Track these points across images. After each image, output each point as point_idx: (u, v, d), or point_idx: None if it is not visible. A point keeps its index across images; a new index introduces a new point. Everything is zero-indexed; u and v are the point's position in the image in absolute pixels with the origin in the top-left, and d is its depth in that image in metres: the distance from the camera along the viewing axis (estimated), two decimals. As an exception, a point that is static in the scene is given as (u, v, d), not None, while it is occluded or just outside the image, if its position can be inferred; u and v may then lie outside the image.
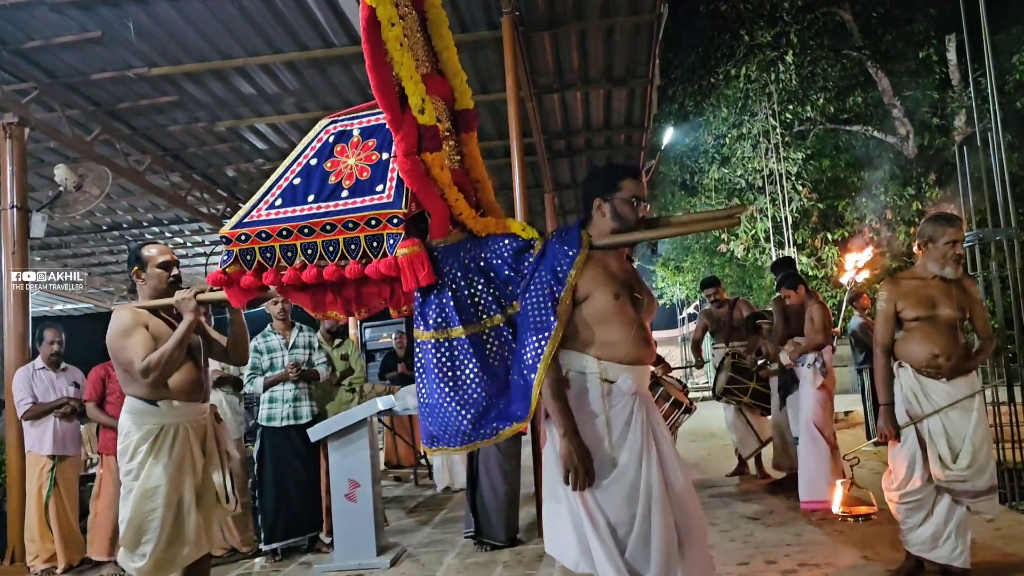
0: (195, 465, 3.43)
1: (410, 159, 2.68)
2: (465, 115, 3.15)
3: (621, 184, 2.68)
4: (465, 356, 2.62)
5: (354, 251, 2.77)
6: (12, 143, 6.44)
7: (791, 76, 15.61)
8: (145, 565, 3.31)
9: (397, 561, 5.22)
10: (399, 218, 2.70)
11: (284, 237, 2.85)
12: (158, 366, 3.29)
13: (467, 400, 2.59)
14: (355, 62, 7.02)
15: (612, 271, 2.68)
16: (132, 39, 6.20)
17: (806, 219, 16.44)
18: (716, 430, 10.79)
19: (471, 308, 2.69)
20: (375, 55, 2.59)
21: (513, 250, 2.72)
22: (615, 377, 2.58)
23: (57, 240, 12.34)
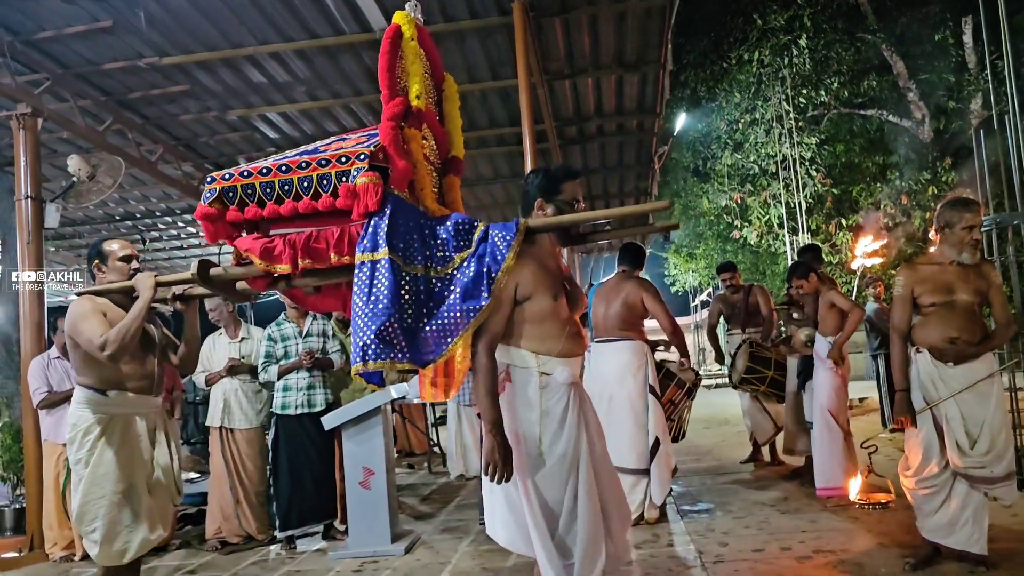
0: (143, 456, 3.55)
1: (392, 122, 2.93)
2: (454, 162, 3.47)
3: (562, 187, 2.91)
4: (384, 274, 2.73)
5: (326, 186, 2.92)
6: (25, 134, 6.46)
7: (805, 60, 15.49)
8: (100, 551, 3.45)
9: (411, 548, 5.24)
10: (366, 154, 2.89)
11: (264, 175, 3.02)
12: (116, 340, 3.38)
13: (376, 313, 2.66)
14: (366, 50, 7.00)
15: (550, 270, 2.87)
16: (143, 28, 6.20)
17: (820, 205, 16.34)
18: (730, 417, 10.77)
19: (400, 243, 2.81)
20: (391, 46, 2.97)
21: (458, 220, 2.89)
22: (551, 370, 2.79)
23: (71, 230, 12.40)
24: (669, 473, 5.31)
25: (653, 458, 5.27)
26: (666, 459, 5.29)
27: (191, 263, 3.38)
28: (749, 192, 17.08)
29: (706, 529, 5.07)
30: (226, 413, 5.78)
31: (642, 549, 4.72)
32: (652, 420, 5.30)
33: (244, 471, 5.79)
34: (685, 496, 6.17)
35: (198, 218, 3.13)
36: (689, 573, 4.16)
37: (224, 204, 3.08)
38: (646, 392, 5.33)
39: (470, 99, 8.34)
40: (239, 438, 5.81)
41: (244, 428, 5.82)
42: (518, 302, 2.78)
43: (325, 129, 8.83)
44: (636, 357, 5.38)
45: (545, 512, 2.70)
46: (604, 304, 5.55)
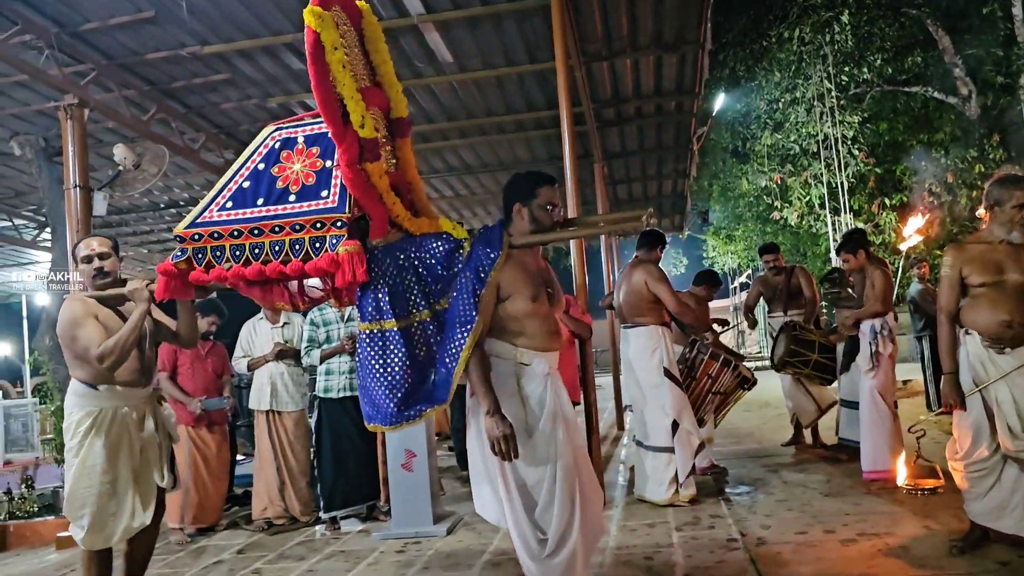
0: (132, 446, 3.67)
1: (352, 169, 2.94)
2: (400, 123, 3.43)
3: (538, 191, 3.05)
4: (395, 346, 2.91)
5: (298, 251, 3.01)
6: (73, 124, 6.60)
7: (847, 37, 15.18)
8: (84, 535, 3.60)
9: (454, 529, 5.30)
10: (343, 221, 2.96)
11: (235, 237, 3.10)
12: (113, 352, 3.50)
13: (394, 385, 2.87)
14: (403, 34, 7.01)
15: (530, 271, 3.04)
16: (185, 18, 6.28)
17: (863, 184, 16.05)
18: (770, 399, 10.68)
19: (403, 303, 2.97)
20: (319, 75, 2.84)
21: (445, 251, 3.02)
22: (529, 361, 2.99)
23: (117, 218, 12.64)
24: (691, 452, 5.36)
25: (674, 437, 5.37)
26: (687, 438, 5.35)
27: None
28: (789, 172, 16.84)
29: (748, 511, 5.05)
30: (273, 396, 5.89)
31: (683, 531, 4.72)
32: (669, 401, 5.37)
33: (291, 453, 5.90)
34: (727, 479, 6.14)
35: (158, 272, 3.24)
36: (731, 556, 4.15)
37: (191, 265, 3.18)
38: (661, 375, 5.40)
39: (507, 83, 8.33)
40: (286, 420, 5.92)
41: (291, 411, 5.94)
42: (500, 300, 2.95)
43: (363, 115, 8.86)
44: (649, 341, 5.51)
45: (521, 492, 2.93)
46: (621, 292, 5.69)
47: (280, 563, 4.93)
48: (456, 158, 11.02)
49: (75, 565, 5.37)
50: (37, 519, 6.45)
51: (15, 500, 6.62)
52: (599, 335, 8.32)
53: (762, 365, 16.41)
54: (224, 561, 5.10)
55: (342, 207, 2.98)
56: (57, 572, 5.25)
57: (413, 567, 4.52)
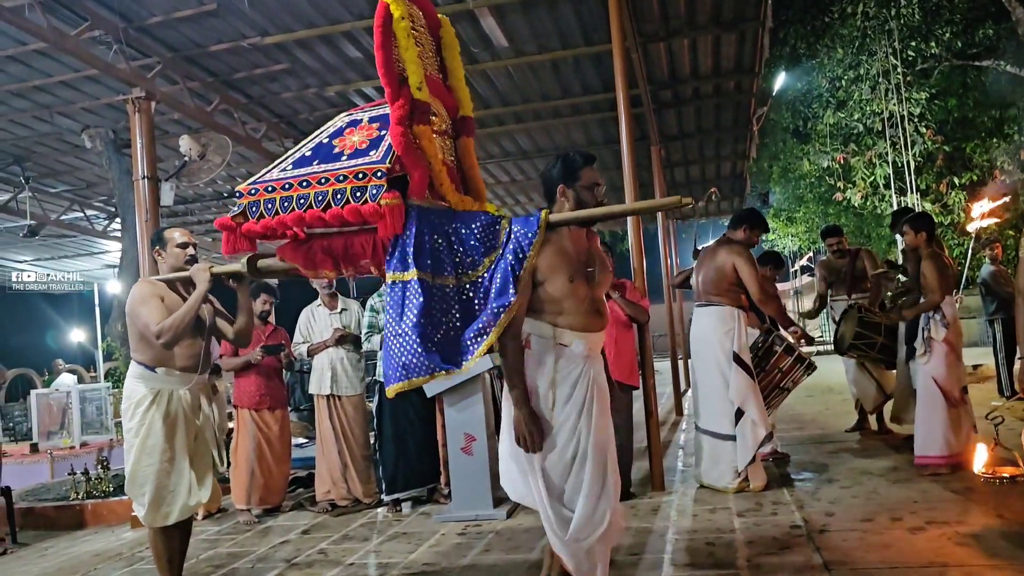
0: (188, 428, 3.81)
1: (401, 126, 3.01)
2: (465, 121, 3.54)
3: (581, 173, 3.06)
4: (414, 295, 2.87)
5: (339, 199, 3.04)
6: (141, 117, 6.77)
7: (913, 10, 14.65)
8: (145, 512, 3.76)
9: (514, 512, 5.34)
10: (383, 172, 3.00)
11: (286, 190, 3.19)
12: (171, 329, 3.65)
13: (408, 335, 2.82)
14: (460, 20, 7.00)
15: (568, 253, 3.00)
16: (246, 9, 6.39)
17: (930, 163, 15.53)
18: (834, 385, 10.48)
19: (428, 260, 2.95)
20: (384, 38, 3.00)
21: (482, 224, 3.01)
22: (568, 342, 2.97)
23: (183, 208, 12.97)
24: (754, 442, 5.22)
25: (737, 425, 5.25)
26: (751, 427, 5.20)
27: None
28: (853, 152, 16.38)
29: (811, 498, 4.98)
30: (334, 381, 6.00)
31: (745, 517, 4.68)
32: (734, 388, 5.23)
33: (352, 436, 6.01)
34: (789, 465, 6.06)
35: (217, 227, 3.35)
36: (794, 543, 4.10)
37: (245, 217, 3.28)
38: (730, 359, 5.26)
39: (563, 66, 8.28)
40: (346, 404, 6.03)
41: (350, 395, 6.04)
42: (538, 281, 2.95)
43: (419, 102, 8.90)
44: (722, 323, 5.34)
45: (550, 471, 2.93)
46: (702, 269, 5.53)
47: (344, 544, 5.03)
48: (512, 143, 11.01)
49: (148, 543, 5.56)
50: (112, 499, 6.69)
51: (92, 480, 6.88)
52: (657, 319, 8.24)
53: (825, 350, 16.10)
54: (290, 541, 5.24)
55: (384, 160, 3.04)
56: (132, 550, 5.45)
57: (474, 549, 4.57)
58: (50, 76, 7.50)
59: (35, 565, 5.41)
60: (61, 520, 6.56)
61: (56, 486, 7.57)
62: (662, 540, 4.38)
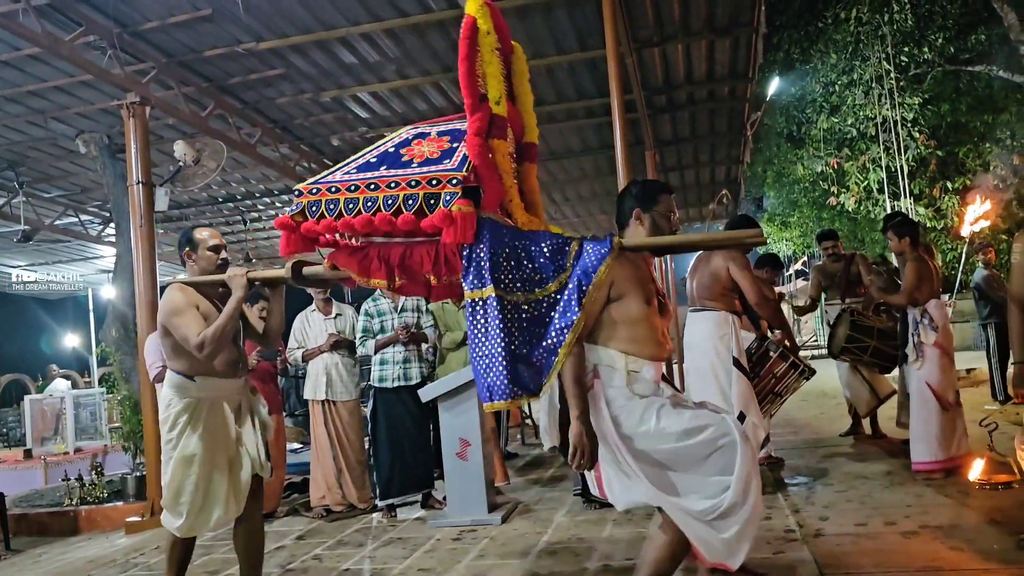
0: (228, 436, 3.71)
1: (479, 138, 2.99)
2: (530, 148, 3.50)
3: (660, 198, 3.01)
4: (493, 314, 2.82)
5: (410, 205, 2.99)
6: (135, 122, 6.77)
7: (906, 16, 14.72)
8: (182, 524, 3.64)
9: (508, 518, 5.34)
10: (458, 179, 2.96)
11: (351, 191, 3.11)
12: (213, 340, 3.53)
13: (493, 355, 2.78)
14: (454, 26, 7.03)
15: (643, 277, 2.92)
16: (240, 15, 6.40)
17: (923, 168, 15.60)
18: (828, 389, 10.50)
19: (501, 277, 2.88)
20: (469, 51, 2.97)
21: (553, 243, 2.93)
22: (638, 368, 2.86)
23: (178, 213, 12.94)
24: (756, 445, 5.22)
25: None
26: (752, 431, 5.20)
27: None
28: (846, 157, 16.44)
29: (805, 502, 4.99)
30: (329, 386, 6.00)
31: (740, 522, 4.67)
32: (736, 393, 5.23)
33: (347, 441, 6.01)
34: (783, 469, 6.07)
35: (276, 226, 3.28)
36: (789, 547, 4.11)
37: (305, 217, 3.20)
38: (729, 363, 5.25)
39: (558, 71, 8.30)
40: (341, 410, 6.03)
41: (345, 400, 6.04)
42: (611, 300, 2.84)
43: (415, 107, 8.93)
44: (718, 327, 5.30)
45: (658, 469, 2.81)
46: (696, 274, 5.52)
47: (339, 549, 5.03)
48: (507, 148, 11.01)
49: (144, 549, 5.55)
50: (107, 504, 6.69)
51: (86, 486, 6.87)
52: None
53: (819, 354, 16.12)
54: (285, 547, 5.22)
55: (460, 168, 3.00)
56: (126, 556, 5.43)
57: (469, 555, 4.57)
58: (44, 81, 7.50)
59: (29, 572, 5.40)
60: (55, 526, 6.54)
61: (50, 492, 7.56)
62: (657, 545, 4.37)
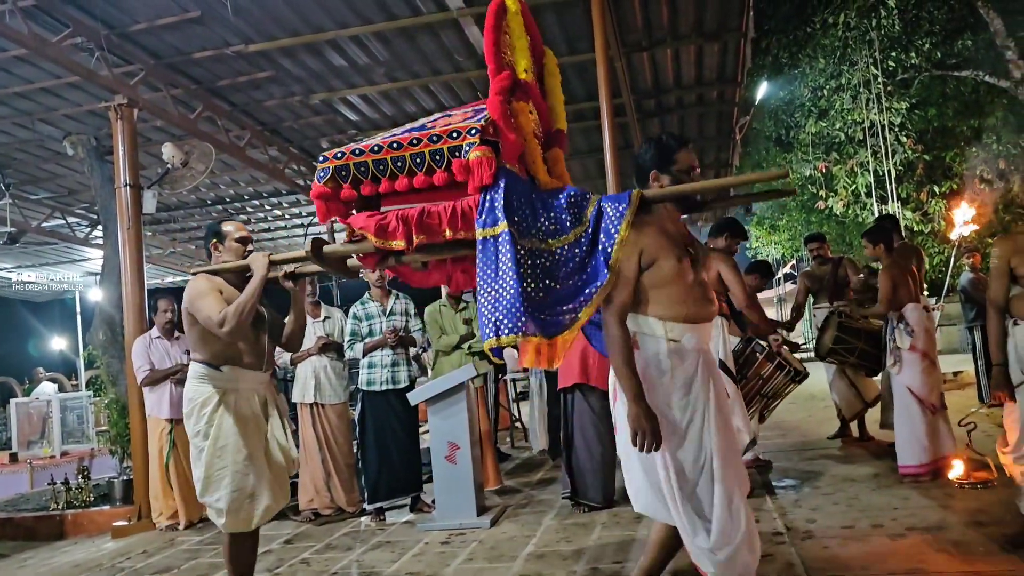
0: (259, 426, 3.66)
1: (501, 96, 2.97)
2: (558, 135, 3.47)
3: (677, 156, 2.91)
4: (505, 249, 2.77)
5: (439, 161, 3.00)
6: (123, 124, 6.75)
7: (893, 21, 14.82)
8: (227, 520, 3.56)
9: (497, 521, 5.34)
10: (476, 129, 2.96)
11: (376, 152, 3.10)
12: (234, 316, 3.49)
13: (501, 289, 2.73)
14: (443, 29, 7.05)
15: (670, 233, 2.86)
16: (229, 17, 6.39)
17: (911, 172, 15.70)
18: (816, 392, 10.53)
19: (515, 218, 2.85)
20: (495, 24, 2.99)
21: (571, 194, 2.93)
22: (679, 336, 2.79)
23: (166, 215, 12.90)
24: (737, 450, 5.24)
25: None
26: (736, 435, 5.22)
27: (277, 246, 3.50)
28: (834, 161, 16.52)
29: (793, 505, 5.00)
30: (317, 390, 5.98)
31: (728, 524, 4.69)
32: None
33: (335, 444, 5.99)
34: (771, 472, 6.09)
35: (313, 197, 3.24)
36: (777, 549, 4.12)
37: (338, 183, 3.17)
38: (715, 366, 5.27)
39: (547, 75, 8.30)
40: (330, 413, 6.01)
41: (333, 403, 6.03)
42: (643, 269, 2.79)
43: (405, 110, 8.94)
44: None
45: (680, 478, 2.76)
46: None
47: (327, 553, 5.01)
48: (496, 151, 11.02)
49: (130, 553, 5.52)
50: (93, 508, 6.64)
51: (72, 490, 6.82)
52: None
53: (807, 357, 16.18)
54: (273, 551, 5.21)
55: (477, 119, 3.01)
56: (113, 560, 5.40)
57: (457, 558, 4.56)
58: (31, 83, 7.46)
59: (14, 576, 5.36)
60: (41, 530, 6.49)
61: (36, 496, 7.51)
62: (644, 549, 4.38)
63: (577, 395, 5.48)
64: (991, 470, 4.97)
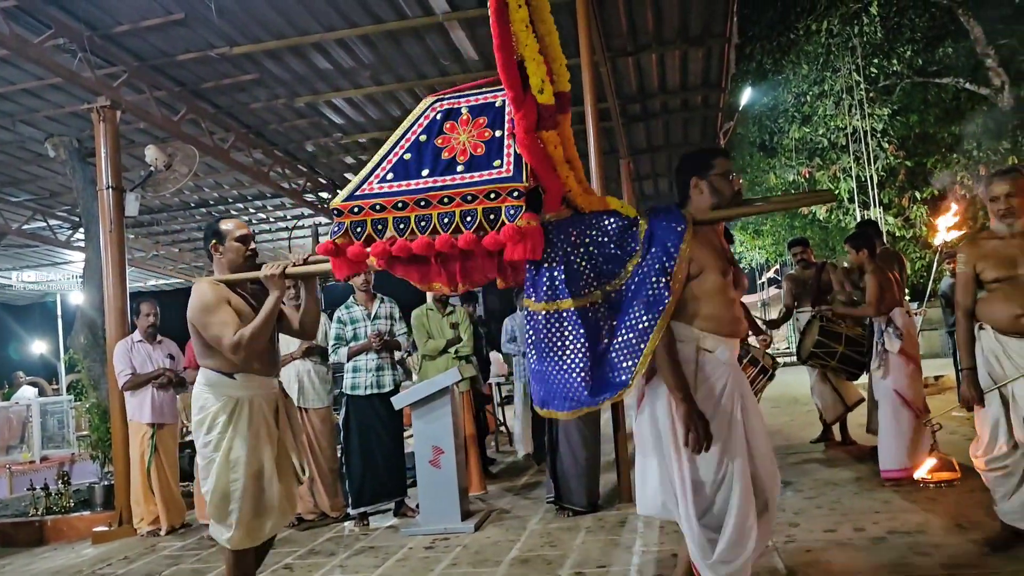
0: (271, 437, 3.47)
1: (530, 136, 2.75)
2: (561, 97, 3.17)
3: (714, 162, 2.94)
4: (573, 327, 2.73)
5: (469, 223, 2.81)
6: (106, 126, 6.70)
7: (876, 28, 14.98)
8: (234, 534, 3.36)
9: (481, 526, 5.33)
10: (519, 191, 2.76)
11: (399, 209, 2.89)
12: (249, 343, 3.32)
13: (573, 368, 2.70)
14: (428, 33, 7.05)
15: (717, 248, 2.89)
16: (214, 19, 6.36)
17: (892, 178, 15.86)
18: (799, 396, 10.59)
19: (579, 282, 2.80)
20: (502, 35, 2.66)
21: (617, 228, 2.84)
22: (713, 348, 2.80)
23: (149, 218, 12.81)
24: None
25: None
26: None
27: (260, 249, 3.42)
28: (818, 166, 16.66)
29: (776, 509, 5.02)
30: (300, 393, 5.94)
31: (711, 528, 4.71)
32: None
33: (319, 449, 5.96)
34: (754, 476, 6.12)
35: (320, 253, 3.07)
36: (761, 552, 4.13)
37: (350, 240, 2.97)
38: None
39: (532, 79, 8.32)
40: (313, 417, 5.97)
41: (317, 407, 5.99)
42: (691, 276, 2.79)
43: (390, 114, 8.93)
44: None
45: (696, 487, 2.78)
46: None
47: (310, 559, 4.98)
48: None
49: (111, 560, 5.47)
50: (73, 514, 6.59)
51: (52, 496, 6.76)
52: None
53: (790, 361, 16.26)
54: (255, 556, 5.16)
55: (519, 176, 2.79)
56: (92, 567, 5.35)
57: (441, 563, 4.55)
58: (13, 84, 7.39)
59: (-8, 583, 5.30)
60: (20, 536, 6.43)
61: (14, 502, 7.43)
62: (629, 553, 4.39)
63: (562, 399, 5.48)
64: (955, 470, 5.06)
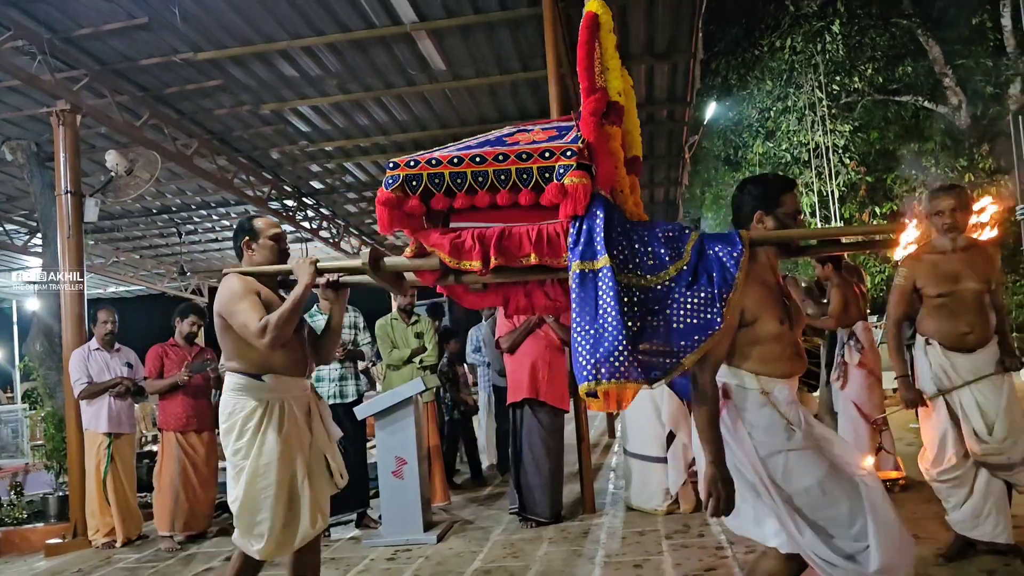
0: (303, 441, 3.32)
1: (595, 118, 2.77)
2: (634, 161, 3.26)
3: (783, 199, 2.73)
4: (607, 286, 2.58)
5: (525, 180, 2.80)
6: (65, 130, 6.58)
7: (838, 46, 15.28)
8: (264, 546, 3.21)
9: (444, 537, 5.30)
10: (573, 151, 2.77)
11: (455, 164, 2.89)
12: (277, 326, 3.15)
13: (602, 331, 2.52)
14: (396, 42, 7.04)
15: (772, 289, 2.71)
16: (178, 24, 6.29)
17: (854, 193, 16.14)
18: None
19: (615, 251, 2.66)
20: (588, 43, 2.73)
21: (670, 229, 2.74)
22: (771, 389, 2.64)
23: (109, 224, 12.60)
24: (685, 464, 5.34)
25: (669, 448, 5.40)
26: (683, 451, 5.34)
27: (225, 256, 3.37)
28: (781, 181, 16.93)
29: (737, 520, 5.06)
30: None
31: (673, 539, 4.74)
32: (666, 412, 5.38)
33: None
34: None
35: (378, 204, 2.98)
36: (721, 563, 4.17)
37: (406, 193, 2.93)
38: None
39: (499, 90, 8.36)
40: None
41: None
42: (744, 324, 2.63)
43: (356, 122, 8.90)
44: None
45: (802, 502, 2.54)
46: None
47: (270, 570, 4.89)
48: (449, 165, 11.02)
49: (64, 572, 5.35)
50: (26, 526, 6.43)
51: (4, 507, 6.59)
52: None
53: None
54: (214, 568, 5.09)
55: (568, 139, 2.83)
56: (45, 579, 5.23)
57: (403, 574, 4.52)
58: (-31, 86, 7.25)
59: (-61, 597, 5.15)
60: (-31, 549, 6.25)
61: (-35, 513, 7.22)
62: (591, 563, 4.40)
63: (527, 410, 5.49)
64: (900, 469, 5.26)
